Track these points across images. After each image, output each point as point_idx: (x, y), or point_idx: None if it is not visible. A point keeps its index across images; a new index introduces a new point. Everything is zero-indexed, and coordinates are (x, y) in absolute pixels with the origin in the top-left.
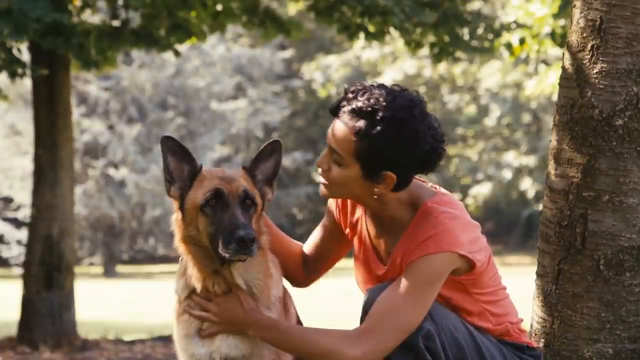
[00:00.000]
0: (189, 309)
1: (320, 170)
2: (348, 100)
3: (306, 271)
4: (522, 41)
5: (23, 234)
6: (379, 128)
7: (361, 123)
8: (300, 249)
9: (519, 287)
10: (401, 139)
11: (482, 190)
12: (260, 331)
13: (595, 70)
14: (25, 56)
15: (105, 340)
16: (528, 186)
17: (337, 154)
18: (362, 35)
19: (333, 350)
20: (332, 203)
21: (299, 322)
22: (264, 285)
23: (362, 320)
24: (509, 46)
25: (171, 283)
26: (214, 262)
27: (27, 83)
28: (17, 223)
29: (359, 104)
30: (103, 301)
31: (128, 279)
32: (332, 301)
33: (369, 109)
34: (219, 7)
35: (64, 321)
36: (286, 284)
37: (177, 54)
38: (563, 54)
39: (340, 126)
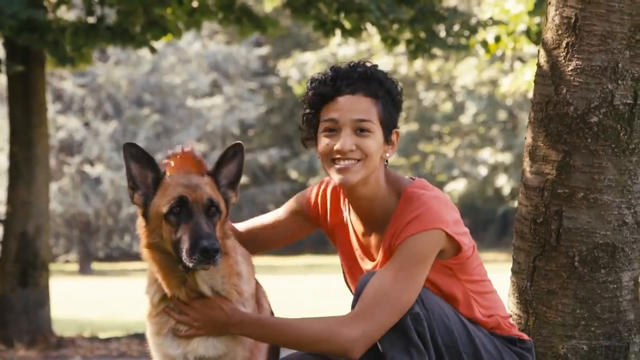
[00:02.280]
0: (169, 311)
1: (346, 155)
2: (345, 74)
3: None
4: (497, 38)
5: None
6: (387, 85)
7: (374, 85)
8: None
9: (494, 284)
10: (398, 92)
11: (458, 187)
12: (246, 329)
13: (570, 68)
14: (0, 52)
15: (81, 338)
16: (503, 183)
17: (367, 122)
18: (338, 32)
19: (328, 335)
20: (302, 202)
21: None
22: (230, 287)
23: (353, 306)
24: (484, 43)
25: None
26: (179, 269)
27: (1, 79)
28: None
29: (360, 70)
30: (78, 298)
31: (103, 277)
32: (312, 299)
33: (369, 72)
34: (195, 4)
35: (39, 318)
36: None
37: (153, 50)
38: (538, 51)
39: (356, 98)
